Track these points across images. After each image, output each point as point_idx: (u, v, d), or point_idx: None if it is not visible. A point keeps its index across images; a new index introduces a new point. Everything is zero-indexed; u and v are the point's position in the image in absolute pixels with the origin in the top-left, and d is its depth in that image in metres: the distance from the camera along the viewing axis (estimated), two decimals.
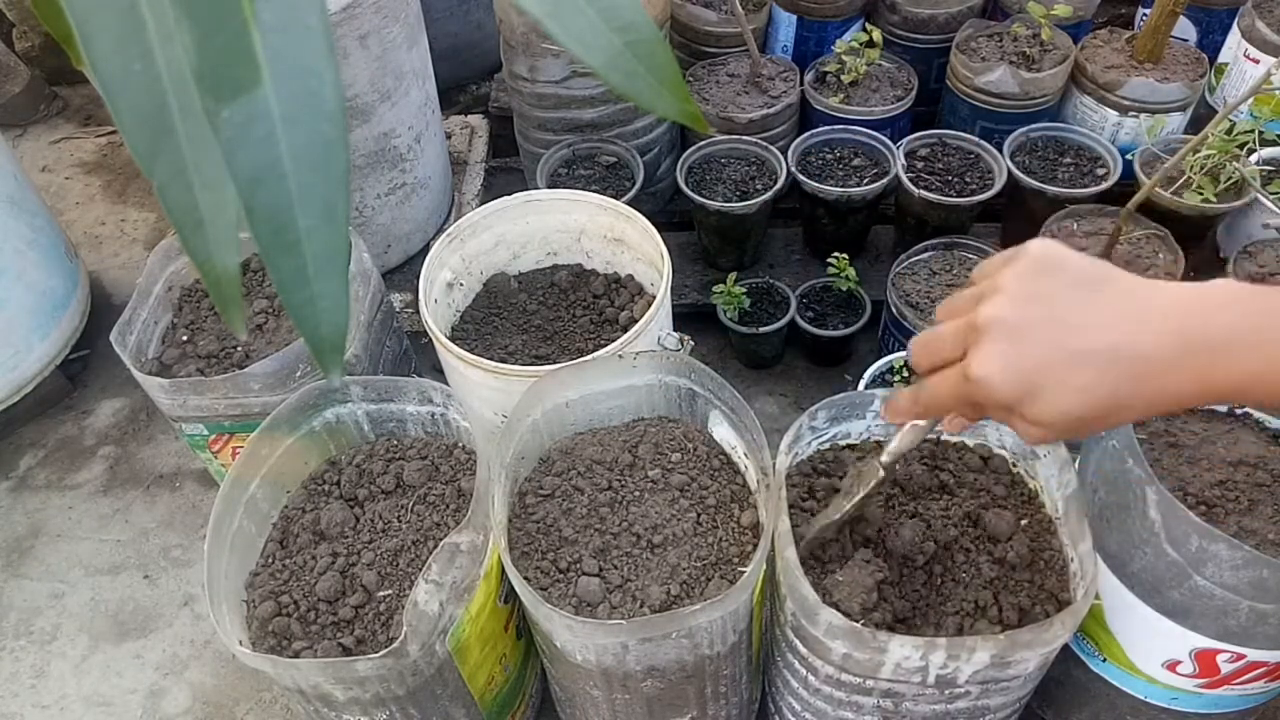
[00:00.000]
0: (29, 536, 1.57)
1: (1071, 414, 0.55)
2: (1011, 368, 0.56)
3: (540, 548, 0.99)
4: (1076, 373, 0.54)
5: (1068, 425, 0.56)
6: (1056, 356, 0.55)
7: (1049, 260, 0.58)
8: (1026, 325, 0.56)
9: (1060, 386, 0.55)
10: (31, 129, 2.39)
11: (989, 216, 1.64)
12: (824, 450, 1.04)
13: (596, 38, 0.33)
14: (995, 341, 0.56)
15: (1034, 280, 0.57)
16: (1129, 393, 0.54)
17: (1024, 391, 0.56)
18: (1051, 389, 0.55)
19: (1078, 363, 0.54)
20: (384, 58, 1.47)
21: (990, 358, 0.56)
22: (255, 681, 1.36)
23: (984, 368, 0.57)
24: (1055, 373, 0.55)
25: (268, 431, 1.05)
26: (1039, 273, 0.57)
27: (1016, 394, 0.56)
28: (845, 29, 1.79)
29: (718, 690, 1.00)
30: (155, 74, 0.30)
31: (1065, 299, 0.56)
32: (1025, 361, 0.55)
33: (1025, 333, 0.56)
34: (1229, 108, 1.19)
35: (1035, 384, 0.55)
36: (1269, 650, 0.89)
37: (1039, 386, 0.55)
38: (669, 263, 1.22)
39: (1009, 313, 0.56)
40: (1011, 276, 0.58)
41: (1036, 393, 0.55)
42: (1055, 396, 0.55)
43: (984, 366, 0.57)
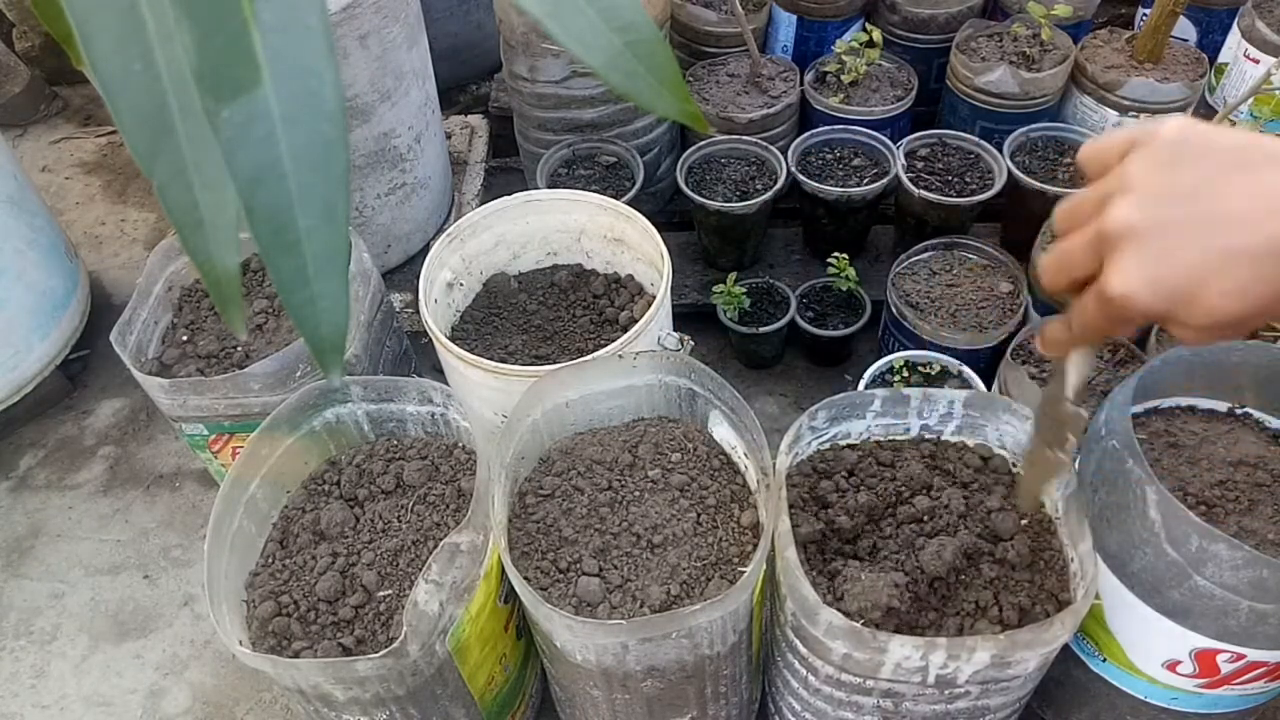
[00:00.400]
0: (29, 536, 1.57)
1: (1230, 316, 0.49)
2: (1156, 281, 0.50)
3: (540, 548, 0.99)
4: (1232, 273, 0.48)
5: (1227, 327, 0.50)
6: (1207, 259, 0.49)
7: (1188, 144, 0.50)
8: (1166, 228, 0.49)
9: (1215, 291, 0.49)
10: (31, 129, 2.39)
11: (989, 216, 1.64)
12: (824, 450, 1.04)
13: (596, 38, 0.33)
14: (1130, 252, 0.50)
15: (1171, 171, 0.50)
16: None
17: (1174, 302, 0.50)
18: (1205, 295, 0.49)
19: (1232, 262, 0.48)
20: (384, 58, 1.47)
21: (1128, 272, 0.50)
22: (255, 681, 1.36)
23: (1123, 285, 0.51)
24: (1208, 277, 0.49)
25: (268, 431, 1.05)
26: (1177, 161, 0.50)
27: (1165, 305, 0.50)
28: (845, 29, 1.79)
29: (718, 690, 1.00)
30: (155, 74, 0.30)
31: (1211, 189, 0.49)
32: (1171, 269, 0.49)
33: (1165, 237, 0.49)
34: (1229, 108, 1.19)
35: (1186, 292, 0.49)
36: (1269, 650, 0.89)
37: (1190, 294, 0.49)
38: (669, 263, 1.22)
39: (1144, 216, 0.50)
40: (1143, 169, 0.51)
41: (1189, 301, 0.50)
42: (1211, 302, 0.49)
43: (1122, 283, 0.51)
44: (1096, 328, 0.56)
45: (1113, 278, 0.51)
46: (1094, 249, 0.53)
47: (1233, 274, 0.48)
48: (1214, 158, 0.49)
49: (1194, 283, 0.49)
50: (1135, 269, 0.50)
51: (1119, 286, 0.51)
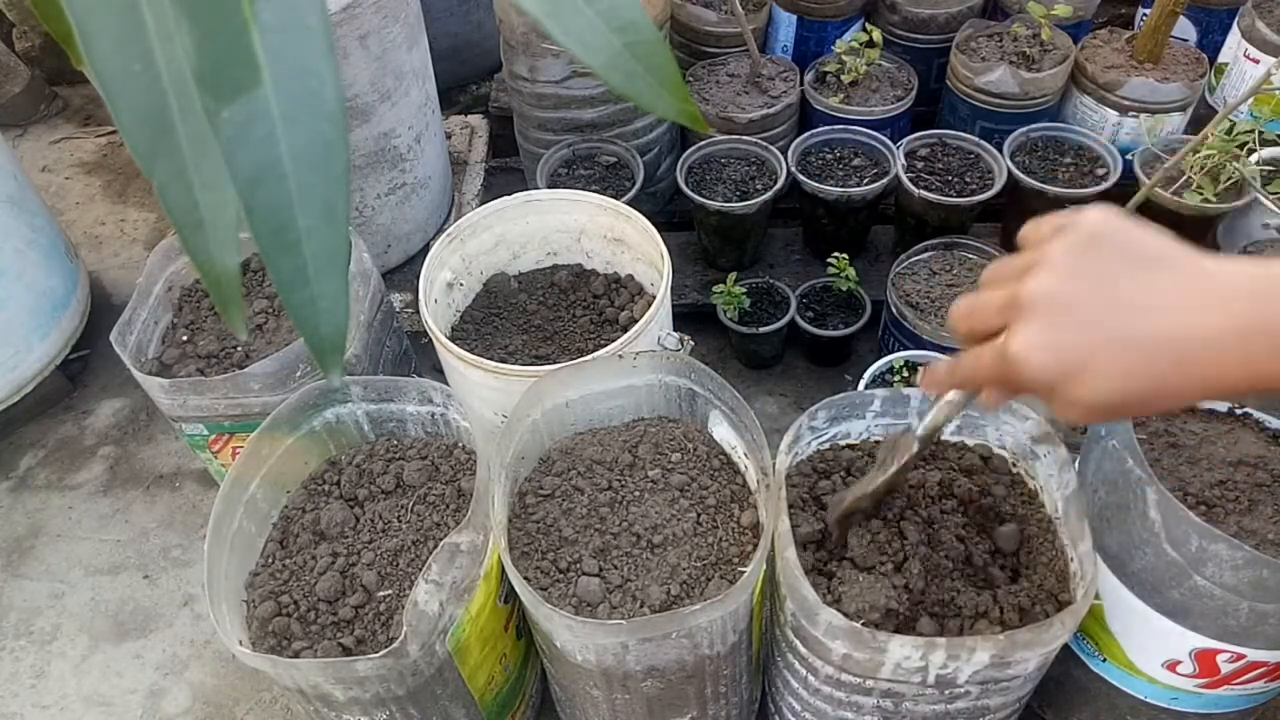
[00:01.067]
0: (29, 536, 1.57)
1: (1111, 399, 0.53)
2: (1052, 349, 0.53)
3: (540, 548, 0.99)
4: (1120, 357, 0.52)
5: (1107, 409, 0.54)
6: (1101, 340, 0.52)
7: (1105, 234, 0.54)
8: (1072, 304, 0.53)
9: (1102, 371, 0.52)
10: (31, 129, 2.39)
11: (989, 216, 1.64)
12: (824, 450, 1.04)
13: (596, 38, 0.33)
14: (1037, 319, 0.54)
15: (1086, 255, 0.54)
16: (1175, 379, 0.51)
17: (1063, 374, 0.53)
18: (1092, 373, 0.52)
19: (1123, 347, 0.52)
20: (384, 58, 1.47)
21: (1030, 337, 0.54)
22: (255, 681, 1.36)
23: (1023, 347, 0.54)
24: (1098, 357, 0.52)
25: (268, 431, 1.05)
26: (1092, 247, 0.54)
27: (1055, 376, 0.53)
28: (845, 29, 1.79)
29: (718, 690, 1.00)
30: (155, 74, 0.30)
31: (1118, 278, 0.53)
32: (1066, 344, 0.53)
33: (1070, 312, 0.53)
34: (1229, 108, 1.19)
35: (1075, 367, 0.53)
36: (1269, 650, 0.89)
37: (1079, 370, 0.53)
38: (669, 263, 1.22)
39: (1055, 289, 0.53)
40: (1062, 249, 0.54)
41: (1076, 376, 0.53)
42: (1096, 381, 0.52)
43: (1023, 346, 0.54)
44: (981, 379, 0.61)
45: (1014, 338, 0.55)
46: (1005, 310, 0.56)
47: (1121, 358, 0.52)
48: (1124, 251, 0.53)
49: (1084, 360, 0.52)
50: (1036, 335, 0.54)
51: (1017, 348, 0.54)
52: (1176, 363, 0.51)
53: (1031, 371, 0.54)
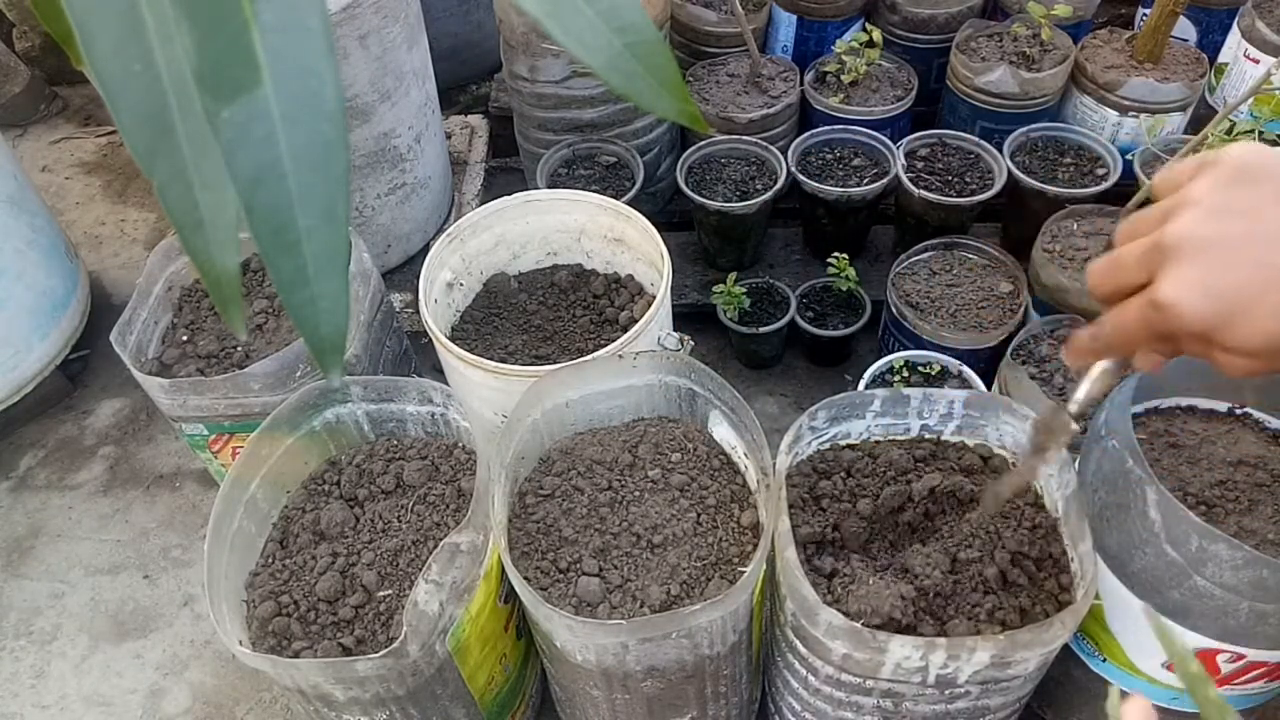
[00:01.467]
0: (29, 536, 1.57)
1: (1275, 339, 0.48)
2: (1206, 290, 0.49)
3: (540, 548, 0.99)
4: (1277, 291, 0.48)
5: (1272, 352, 0.49)
6: (1259, 275, 0.48)
7: (1253, 166, 0.50)
8: (1224, 241, 0.49)
9: (1261, 309, 0.48)
10: (31, 129, 2.39)
11: (989, 216, 1.64)
12: (824, 450, 1.04)
13: (596, 38, 0.33)
14: (1186, 262, 0.50)
15: (1234, 190, 0.50)
16: None
17: (1222, 317, 0.49)
18: (1252, 312, 0.48)
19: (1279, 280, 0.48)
20: (384, 58, 1.47)
21: (1181, 280, 0.50)
22: (255, 681, 1.36)
23: (1174, 291, 0.50)
24: (1258, 294, 0.48)
25: (268, 431, 1.05)
26: (1240, 181, 0.50)
27: (1213, 320, 0.49)
28: (845, 29, 1.79)
29: (718, 690, 1.00)
30: (155, 74, 0.30)
31: (1271, 211, 0.49)
32: (1222, 282, 0.49)
33: (1222, 250, 0.49)
34: (1229, 108, 1.19)
35: (1235, 307, 0.49)
36: (1269, 650, 0.89)
37: (1239, 310, 0.49)
38: (669, 263, 1.22)
39: (1203, 229, 0.49)
40: (1206, 187, 0.51)
41: (1237, 317, 0.49)
42: (1256, 321, 0.48)
43: (1174, 290, 0.50)
44: (1133, 338, 0.55)
45: (1164, 285, 0.51)
46: (1148, 259, 0.52)
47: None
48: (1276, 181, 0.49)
49: (1245, 298, 0.48)
50: (1188, 278, 0.50)
51: (1169, 294, 0.50)
52: None
53: (1186, 316, 0.50)
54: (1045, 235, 1.43)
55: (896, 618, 0.87)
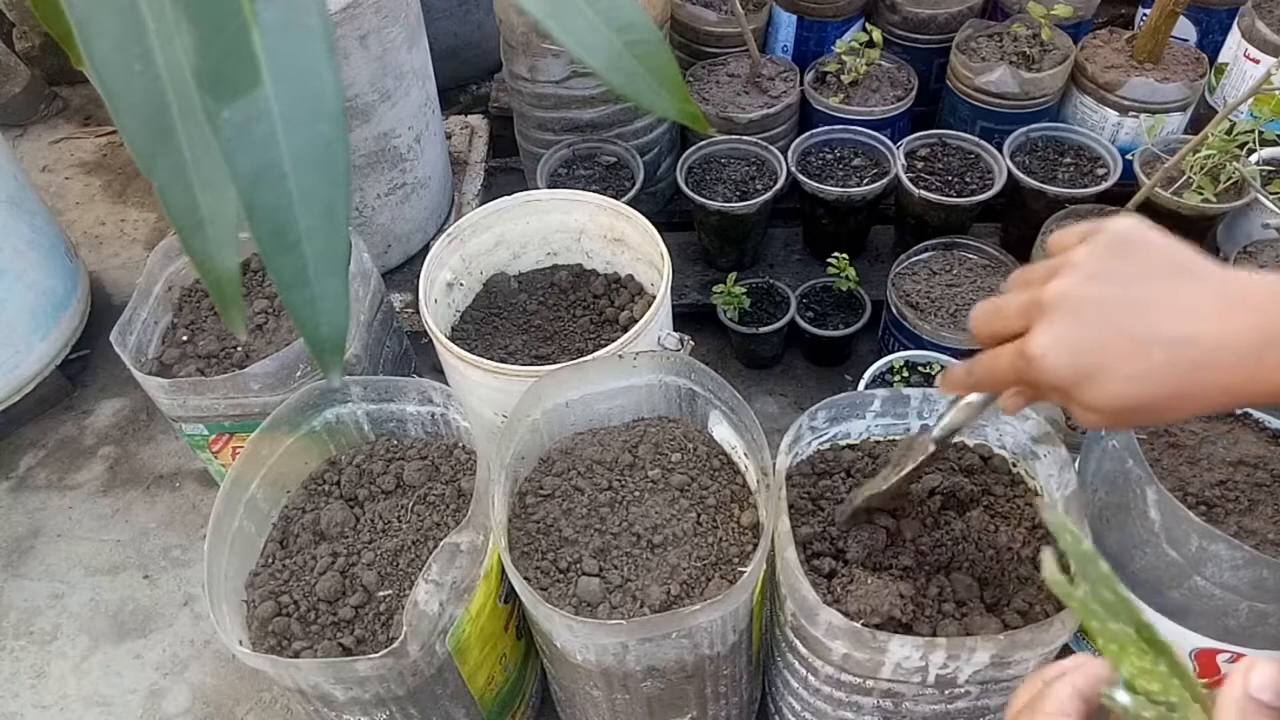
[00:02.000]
0: (29, 536, 1.57)
1: (1127, 402, 0.52)
2: (1070, 348, 0.53)
3: (540, 548, 0.99)
4: (1138, 359, 0.51)
5: (1122, 412, 0.53)
6: (1120, 340, 0.52)
7: (1131, 240, 0.54)
8: (1093, 305, 0.53)
9: (1121, 372, 0.52)
10: (31, 129, 2.39)
11: (989, 216, 1.64)
12: (824, 450, 1.04)
13: (596, 38, 0.33)
14: (1058, 319, 0.54)
15: (1110, 259, 0.54)
16: (1192, 384, 0.51)
17: (1081, 374, 0.53)
18: (1111, 374, 0.52)
19: (1142, 348, 0.51)
20: (384, 58, 1.47)
21: (1049, 336, 0.54)
22: (255, 681, 1.36)
23: (1041, 346, 0.54)
24: (1116, 358, 0.52)
25: (268, 431, 1.05)
26: (1117, 252, 0.54)
27: (1073, 376, 0.53)
28: (845, 29, 1.79)
29: (718, 690, 1.00)
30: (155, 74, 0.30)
31: (1141, 282, 0.53)
32: (1086, 343, 0.53)
33: (1091, 313, 0.53)
34: (1229, 108, 1.19)
35: (1094, 367, 0.52)
36: (1269, 650, 0.89)
37: (1098, 370, 0.52)
38: (669, 263, 1.22)
39: (1077, 290, 0.54)
40: (1087, 253, 0.55)
41: (1095, 376, 0.53)
42: (1114, 382, 0.52)
43: (1042, 345, 0.54)
44: (1001, 380, 0.60)
45: (1036, 338, 0.55)
46: (1027, 311, 0.56)
47: (1140, 359, 0.51)
48: (1151, 255, 0.53)
49: (1103, 360, 0.52)
50: (1057, 335, 0.54)
51: (1037, 347, 0.54)
52: (1196, 367, 0.51)
53: (1049, 370, 0.54)
54: (1045, 235, 1.43)
55: (896, 616, 0.87)
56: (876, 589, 0.88)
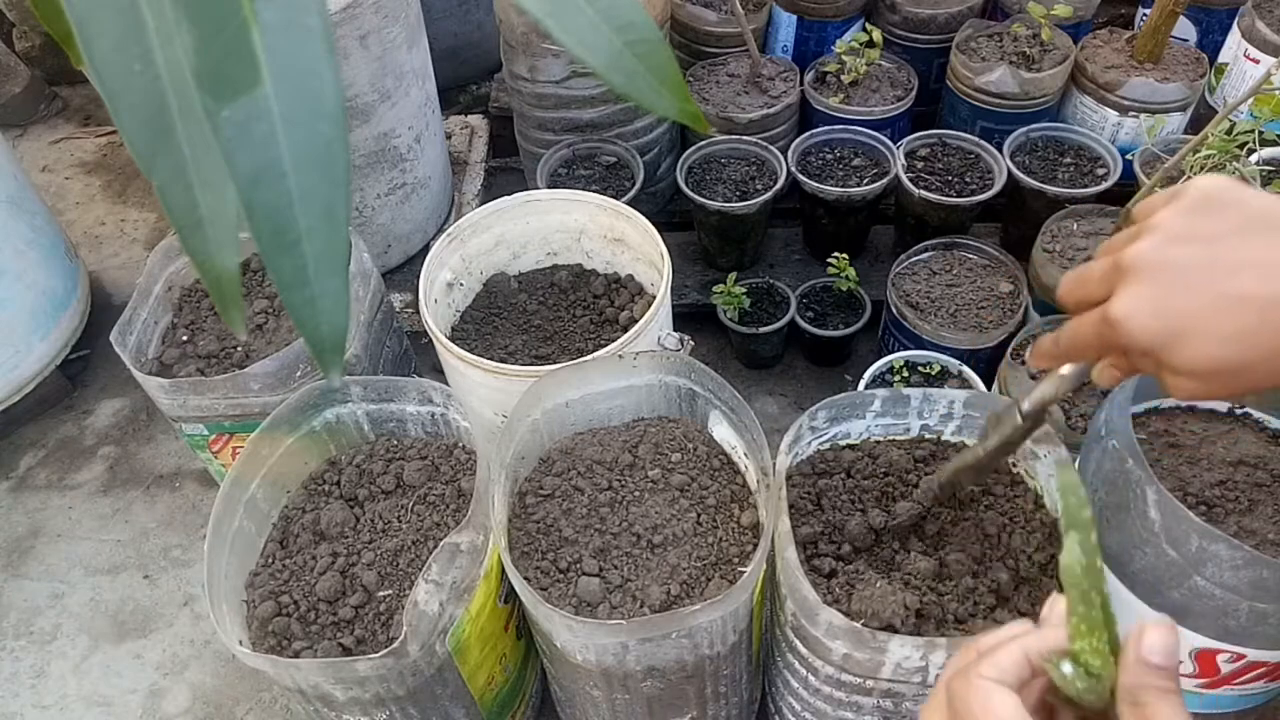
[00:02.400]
0: (29, 536, 1.57)
1: (1218, 363, 0.50)
2: (1153, 309, 0.51)
3: (540, 548, 0.99)
4: (1227, 318, 0.49)
5: (1215, 375, 0.51)
6: (1206, 300, 0.50)
7: (1217, 197, 0.52)
8: (1177, 265, 0.51)
9: (1207, 333, 0.50)
10: (31, 129, 2.39)
11: (989, 216, 1.64)
12: (824, 450, 1.04)
13: (597, 38, 0.33)
14: (1140, 282, 0.52)
15: (1195, 218, 0.52)
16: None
17: (1167, 336, 0.51)
18: (1198, 335, 0.50)
19: (1230, 307, 0.49)
20: (384, 58, 1.47)
21: (1132, 298, 0.52)
22: (255, 681, 1.36)
23: (1124, 308, 0.52)
24: (1203, 317, 0.50)
25: (268, 431, 1.05)
26: (1202, 210, 0.52)
27: (1158, 339, 0.51)
28: (845, 29, 1.79)
29: (718, 690, 1.00)
30: (155, 74, 0.30)
31: (1228, 240, 0.51)
32: (1170, 303, 0.51)
33: (1175, 273, 0.51)
34: (1229, 108, 1.19)
35: (1179, 328, 0.50)
36: (1269, 650, 0.89)
37: (1183, 331, 0.50)
38: (669, 263, 1.22)
39: (1159, 252, 0.52)
40: (1170, 213, 0.53)
41: (1181, 338, 0.51)
42: (1201, 343, 0.50)
43: (1124, 307, 0.52)
44: (1087, 347, 0.58)
45: (1117, 301, 0.53)
46: (1109, 276, 0.54)
47: (1232, 318, 0.49)
48: (1240, 210, 0.51)
49: (1190, 319, 0.50)
50: (1140, 295, 0.52)
51: (1120, 309, 0.53)
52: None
53: (1133, 333, 0.52)
54: (1045, 235, 1.43)
55: (896, 626, 0.87)
56: (884, 593, 0.88)
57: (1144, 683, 0.42)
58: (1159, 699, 0.42)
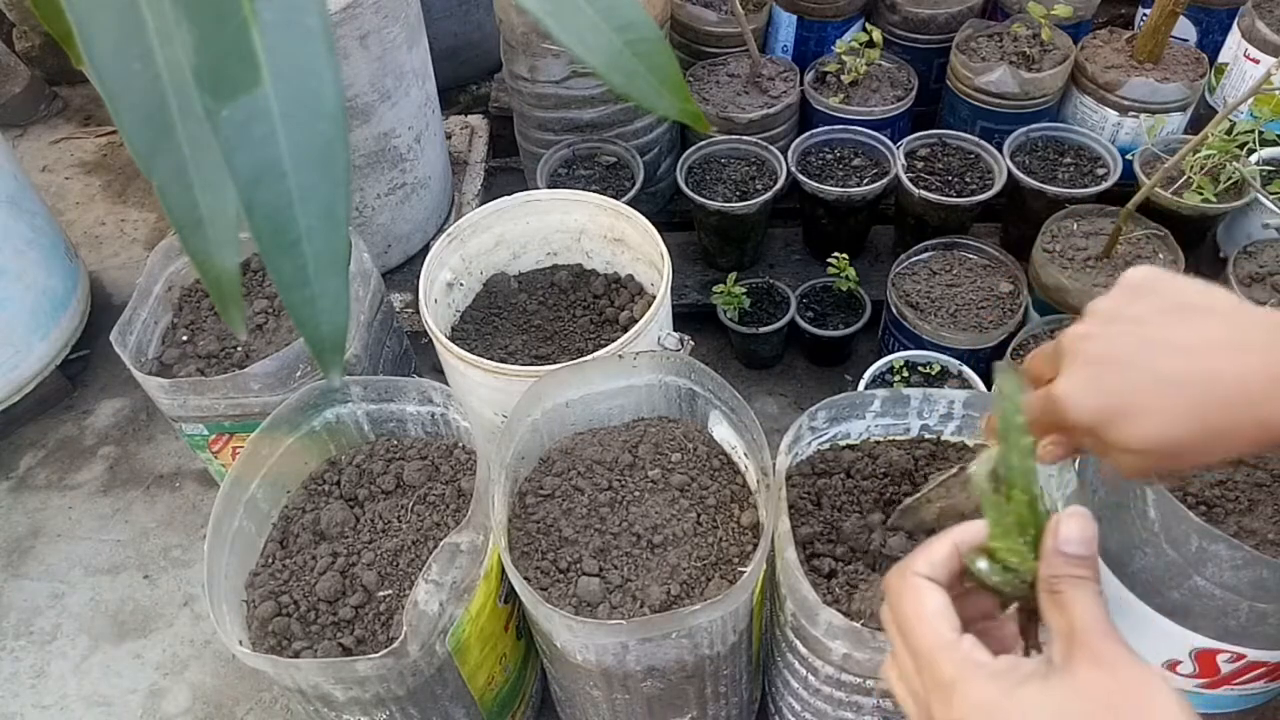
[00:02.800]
0: (29, 536, 1.57)
1: (1159, 440, 0.52)
2: (1093, 390, 0.53)
3: (540, 548, 0.99)
4: (1163, 397, 0.51)
5: (1158, 452, 0.53)
6: (1142, 379, 0.52)
7: (1144, 283, 0.55)
8: (1113, 346, 0.54)
9: (1145, 411, 0.52)
10: (31, 129, 2.39)
11: (989, 216, 1.64)
12: (824, 450, 1.04)
13: (597, 37, 0.33)
14: (1080, 362, 0.55)
15: (1126, 303, 0.55)
16: (1221, 421, 0.51)
17: (1109, 414, 0.53)
18: (1138, 415, 0.52)
19: (1165, 386, 0.51)
20: (384, 58, 1.47)
21: (1072, 379, 0.55)
22: (255, 681, 1.36)
23: (1065, 387, 0.55)
24: (1140, 396, 0.52)
25: (268, 431, 1.05)
26: (1132, 296, 0.55)
27: (1099, 416, 0.53)
28: (845, 29, 1.79)
29: (718, 690, 1.00)
30: (155, 74, 0.30)
31: (1158, 321, 0.53)
32: (1108, 383, 0.53)
33: (1111, 354, 0.54)
34: (1229, 108, 1.19)
35: (1119, 406, 0.53)
36: (1269, 650, 0.89)
37: (1124, 410, 0.52)
38: (669, 263, 1.22)
39: (1094, 333, 0.55)
40: (1106, 301, 0.56)
41: (1122, 416, 0.52)
42: (1142, 422, 0.52)
43: (1065, 386, 0.55)
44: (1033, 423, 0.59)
45: (1059, 382, 0.56)
46: (1054, 357, 0.57)
47: (1166, 399, 0.51)
48: (1168, 295, 0.54)
49: (1128, 398, 0.52)
50: (1077, 378, 0.55)
51: (1061, 389, 0.55)
52: (1223, 404, 0.50)
53: (1073, 412, 0.54)
54: (1045, 235, 1.43)
55: None
56: (871, 593, 0.88)
57: (1060, 572, 0.45)
58: (1073, 587, 0.45)
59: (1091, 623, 0.45)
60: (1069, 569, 0.46)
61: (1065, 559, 0.46)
